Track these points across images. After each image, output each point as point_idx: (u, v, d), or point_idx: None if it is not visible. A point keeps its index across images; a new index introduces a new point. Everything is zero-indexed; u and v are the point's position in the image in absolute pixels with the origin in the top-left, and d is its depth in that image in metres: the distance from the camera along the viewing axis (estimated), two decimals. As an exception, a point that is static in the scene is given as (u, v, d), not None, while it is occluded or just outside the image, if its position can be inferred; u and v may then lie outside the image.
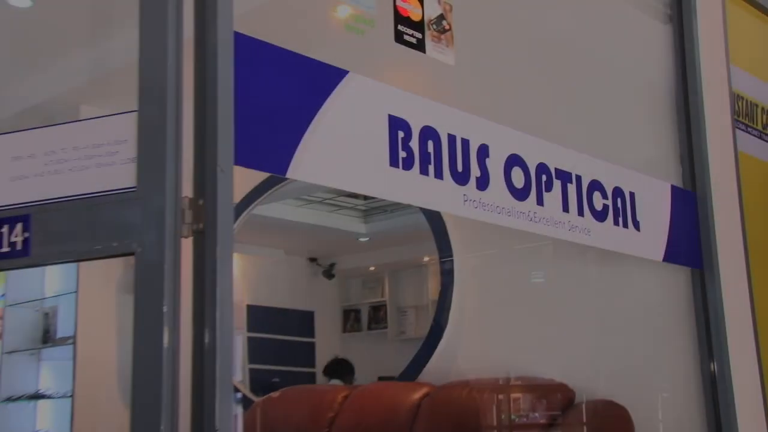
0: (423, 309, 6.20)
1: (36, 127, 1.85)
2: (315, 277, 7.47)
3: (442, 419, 3.80)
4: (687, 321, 3.27)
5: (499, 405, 3.71)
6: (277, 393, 4.95)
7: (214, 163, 1.69)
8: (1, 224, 1.80)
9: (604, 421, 3.43)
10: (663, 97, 3.45)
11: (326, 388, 5.07)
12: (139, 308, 1.64)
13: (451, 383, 3.98)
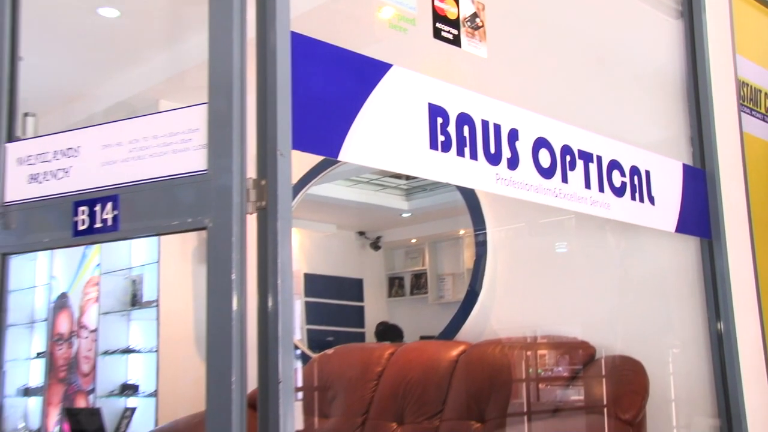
0: (459, 276, 6.17)
1: (122, 119, 1.86)
2: (363, 249, 7.48)
3: (477, 373, 3.79)
4: (696, 285, 3.26)
5: (527, 360, 3.70)
6: (332, 350, 4.96)
7: (274, 147, 1.69)
8: (94, 204, 1.82)
9: (621, 374, 3.40)
10: (675, 84, 3.41)
11: (375, 346, 5.06)
12: (211, 276, 1.64)
13: (484, 341, 3.97)
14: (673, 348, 3.42)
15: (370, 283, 7.25)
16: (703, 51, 3.34)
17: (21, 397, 8.15)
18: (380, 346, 5.03)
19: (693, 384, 3.32)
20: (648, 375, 3.29)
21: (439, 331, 4.57)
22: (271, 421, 1.61)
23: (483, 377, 3.75)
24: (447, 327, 4.49)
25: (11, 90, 2.07)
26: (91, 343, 7.22)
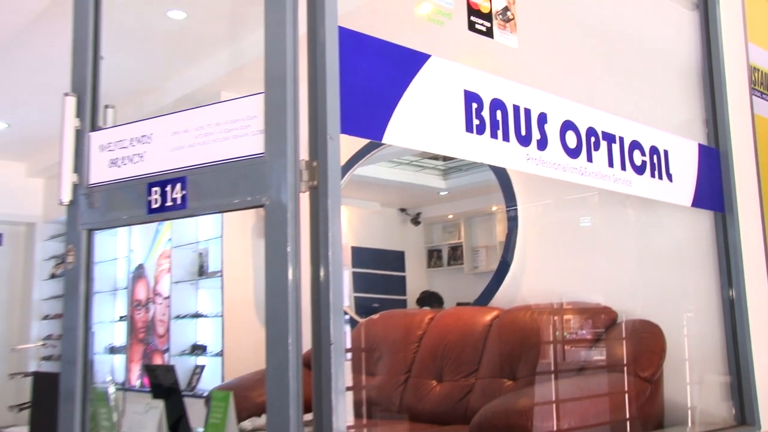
0: (492, 249, 6.15)
1: (188, 108, 1.87)
2: (404, 224, 7.52)
3: (509, 336, 3.79)
4: (710, 255, 3.25)
5: (554, 324, 3.70)
6: (377, 315, 4.98)
7: (324, 132, 1.69)
8: (166, 185, 1.83)
9: (640, 336, 3.38)
10: (691, 71, 3.37)
11: (416, 312, 5.08)
12: (269, 249, 1.64)
13: (516, 307, 3.96)
14: (688, 312, 3.39)
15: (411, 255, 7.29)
16: (717, 39, 3.31)
17: (107, 354, 8.31)
18: (421, 311, 5.03)
19: (706, 345, 3.30)
20: (665, 337, 3.28)
21: (474, 298, 4.57)
22: (323, 378, 1.62)
23: (514, 339, 3.74)
24: (481, 294, 4.48)
25: (94, 86, 2.08)
26: (165, 309, 7.33)
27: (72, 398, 1.98)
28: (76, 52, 2.11)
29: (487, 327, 3.95)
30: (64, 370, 2.01)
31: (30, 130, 7.98)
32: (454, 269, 6.80)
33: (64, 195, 2.01)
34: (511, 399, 3.32)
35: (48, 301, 9.40)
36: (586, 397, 3.21)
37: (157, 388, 3.36)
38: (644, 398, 3.15)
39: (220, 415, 2.83)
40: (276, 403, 1.60)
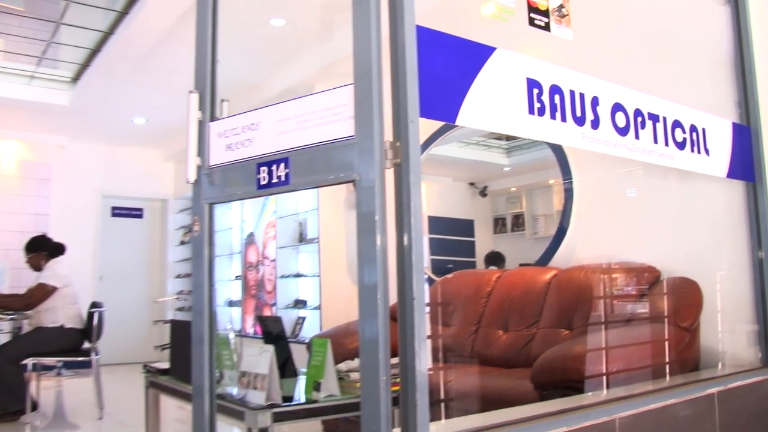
0: (549, 217, 6.06)
1: (289, 99, 1.87)
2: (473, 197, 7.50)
3: (566, 292, 3.74)
4: (742, 220, 3.18)
5: (604, 282, 3.64)
6: (451, 275, 4.97)
7: (406, 116, 1.67)
8: (272, 164, 1.85)
9: (680, 291, 3.30)
10: (724, 58, 3.28)
11: (485, 271, 5.03)
12: (360, 218, 1.63)
13: (571, 267, 3.89)
14: (721, 270, 3.33)
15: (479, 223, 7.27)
16: (747, 30, 3.24)
17: (226, 306, 8.52)
18: (489, 271, 4.99)
19: (737, 298, 3.23)
20: (702, 292, 3.22)
21: (535, 260, 4.50)
22: (407, 328, 1.61)
23: (571, 295, 3.69)
24: (542, 256, 4.41)
25: (212, 83, 2.11)
26: (272, 270, 7.45)
27: (201, 342, 2.02)
28: (198, 56, 2.14)
29: (547, 284, 3.90)
30: (194, 319, 2.06)
31: (163, 123, 8.19)
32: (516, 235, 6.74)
33: (190, 175, 2.04)
34: (568, 346, 3.27)
35: (179, 263, 9.69)
36: (632, 345, 3.15)
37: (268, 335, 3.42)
38: (683, 345, 3.09)
39: (320, 358, 2.85)
40: (368, 348, 1.59)
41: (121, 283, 9.35)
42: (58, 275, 5.50)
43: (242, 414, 2.61)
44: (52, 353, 5.42)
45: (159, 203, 9.83)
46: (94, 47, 6.23)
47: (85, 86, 6.96)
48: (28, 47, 6.78)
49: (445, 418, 2.42)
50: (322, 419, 4.22)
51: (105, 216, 9.38)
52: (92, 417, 5.35)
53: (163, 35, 5.56)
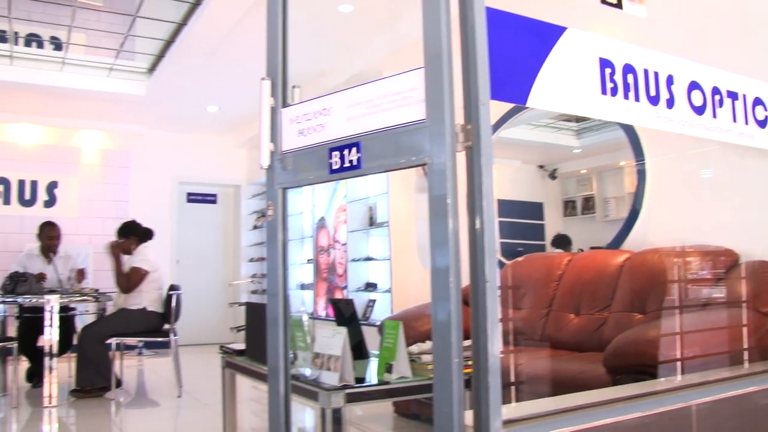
0: (620, 199, 5.91)
1: (359, 84, 1.87)
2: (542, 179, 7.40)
3: (639, 275, 3.65)
4: None
5: (679, 266, 3.53)
6: (522, 258, 4.93)
7: (476, 99, 1.64)
8: (343, 149, 1.85)
9: (761, 275, 3.18)
10: None
11: (556, 255, 4.96)
12: (432, 201, 1.62)
13: (645, 250, 3.79)
14: None
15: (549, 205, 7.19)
16: None
17: (299, 290, 8.66)
18: (560, 254, 4.92)
19: None
20: None
21: (606, 243, 4.42)
22: (480, 310, 1.60)
23: (644, 278, 3.60)
24: (614, 239, 4.33)
25: (284, 70, 2.13)
26: (342, 253, 7.52)
27: (276, 323, 2.06)
28: (269, 44, 2.16)
29: (620, 267, 3.81)
30: (269, 301, 2.09)
31: (235, 111, 8.34)
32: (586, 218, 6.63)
33: (263, 160, 2.07)
34: (642, 330, 3.21)
35: (252, 247, 9.88)
36: (708, 330, 3.06)
37: (340, 317, 3.46)
38: (764, 331, 2.96)
39: (392, 340, 2.87)
40: (440, 330, 1.59)
41: (196, 267, 9.61)
42: (148, 260, 5.72)
43: (316, 394, 2.66)
44: (134, 334, 5.63)
45: (232, 189, 10.03)
46: (168, 38, 6.39)
47: (160, 76, 7.14)
48: (106, 41, 7.01)
49: (515, 401, 2.41)
50: (394, 401, 4.26)
51: (181, 202, 9.64)
52: (171, 395, 5.54)
53: (233, 24, 5.65)
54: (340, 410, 2.63)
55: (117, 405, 5.23)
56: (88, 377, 5.36)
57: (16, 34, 6.88)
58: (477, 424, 1.61)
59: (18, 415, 4.92)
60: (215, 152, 9.70)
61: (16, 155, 8.50)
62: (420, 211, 6.12)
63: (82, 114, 8.45)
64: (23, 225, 8.24)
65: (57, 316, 5.18)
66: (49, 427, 4.59)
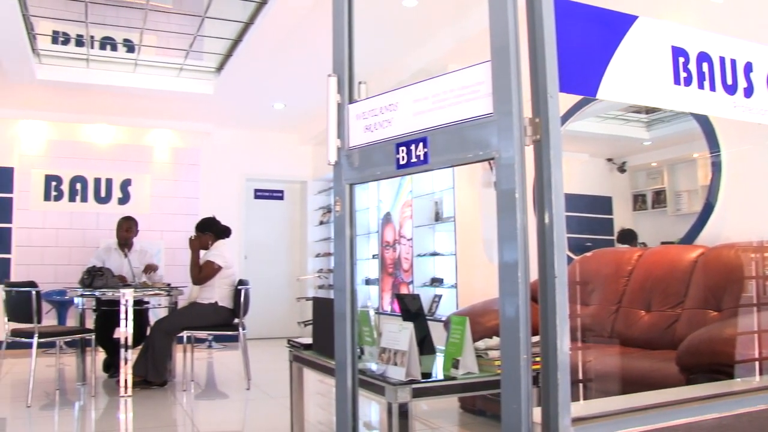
0: (693, 192, 5.73)
1: (426, 79, 1.87)
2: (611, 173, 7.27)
3: (714, 272, 3.52)
4: None
5: (757, 261, 3.39)
6: (590, 253, 4.83)
7: (545, 91, 1.62)
8: (410, 144, 1.86)
9: None
10: None
11: (626, 250, 4.84)
12: (500, 196, 1.61)
13: (720, 245, 3.66)
14: None
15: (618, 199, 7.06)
16: None
17: (364, 285, 8.71)
18: (630, 249, 4.80)
19: None
20: None
21: (679, 238, 4.29)
22: (549, 306, 1.58)
23: (719, 274, 3.48)
24: (687, 234, 4.20)
25: (350, 67, 2.14)
26: (408, 249, 7.53)
27: (344, 318, 2.08)
28: (336, 40, 2.18)
29: (693, 263, 3.69)
30: (337, 296, 2.11)
31: (301, 108, 8.44)
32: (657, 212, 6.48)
33: (331, 156, 2.09)
34: (718, 328, 3.10)
35: (318, 243, 9.99)
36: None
37: (406, 312, 3.46)
38: None
39: (459, 336, 2.86)
40: (508, 326, 1.58)
41: (264, 262, 9.77)
42: (223, 256, 5.86)
43: (382, 389, 2.67)
44: (205, 327, 5.77)
45: (298, 185, 10.16)
46: (236, 37, 6.51)
47: (228, 75, 7.29)
48: (176, 42, 7.20)
49: (583, 399, 2.36)
50: (460, 396, 4.24)
51: (248, 198, 9.82)
52: (240, 387, 5.66)
53: (299, 22, 5.72)
54: (406, 405, 2.63)
55: (187, 396, 5.37)
56: (143, 368, 5.53)
57: (92, 38, 7.13)
58: (545, 422, 1.59)
59: (96, 403, 5.12)
60: (282, 149, 9.85)
61: (92, 154, 8.82)
62: (486, 206, 6.07)
63: (154, 113, 8.71)
64: (99, 221, 8.56)
65: (132, 310, 5.36)
66: (125, 416, 4.75)
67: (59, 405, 5.06)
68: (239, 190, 9.56)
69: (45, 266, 8.40)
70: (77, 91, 7.63)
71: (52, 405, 5.04)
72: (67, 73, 7.29)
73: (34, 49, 6.86)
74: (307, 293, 9.71)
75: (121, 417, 4.73)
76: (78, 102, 8.13)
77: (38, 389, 5.40)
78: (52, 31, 7.19)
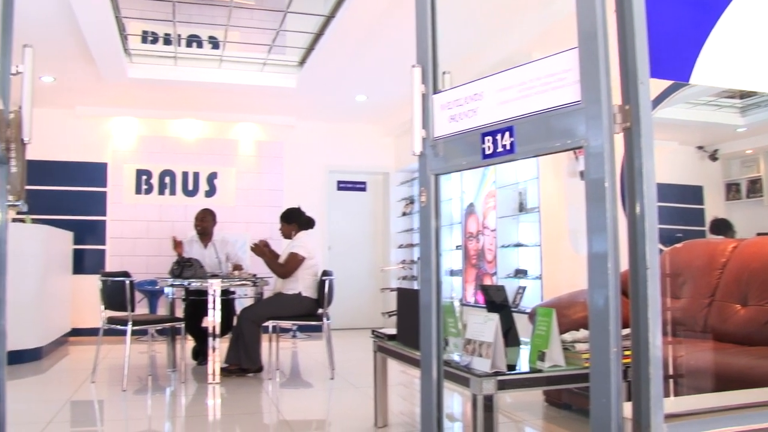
0: (794, 181, 5.50)
1: (511, 68, 1.86)
2: (701, 161, 7.04)
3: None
4: None
5: None
6: (681, 244, 4.67)
7: (635, 77, 1.58)
8: (496, 134, 1.85)
9: None
10: None
11: (719, 241, 4.67)
12: (589, 185, 1.59)
13: (824, 235, 3.49)
14: None
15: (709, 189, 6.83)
16: None
17: (448, 276, 8.70)
18: (724, 240, 4.63)
19: None
20: None
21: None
22: (640, 298, 1.55)
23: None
24: (787, 223, 4.01)
25: (434, 57, 2.15)
26: (492, 240, 7.48)
27: (429, 309, 2.09)
28: (419, 30, 2.18)
29: (794, 255, 3.53)
30: (422, 287, 2.13)
31: (383, 99, 8.48)
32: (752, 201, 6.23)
33: (416, 147, 2.10)
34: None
35: (401, 234, 10.04)
36: None
37: (491, 304, 3.45)
38: None
39: (545, 328, 2.84)
40: (598, 318, 1.56)
41: (347, 254, 9.90)
42: (306, 247, 5.98)
43: (467, 380, 2.68)
44: (289, 317, 5.90)
45: (381, 176, 10.23)
46: (318, 31, 6.59)
47: (311, 68, 7.39)
48: (259, 37, 7.36)
49: (674, 395, 2.30)
50: (546, 389, 4.20)
51: (331, 190, 9.96)
52: (324, 377, 5.76)
53: (381, 14, 5.75)
54: (491, 397, 2.63)
55: (273, 385, 5.51)
56: (237, 356, 5.70)
57: (179, 36, 7.38)
58: (636, 417, 1.56)
59: (186, 389, 5.32)
60: (364, 140, 9.94)
61: (180, 149, 9.13)
62: (572, 196, 5.96)
63: (239, 108, 8.94)
64: (187, 214, 8.84)
65: (219, 299, 5.53)
66: (213, 402, 4.92)
67: (151, 390, 5.28)
68: (322, 182, 9.71)
69: (137, 257, 8.78)
70: (165, 87, 7.92)
71: (145, 390, 5.27)
72: (156, 70, 7.58)
73: (126, 49, 7.14)
74: (390, 284, 9.78)
75: (209, 403, 4.90)
76: (166, 98, 8.44)
77: (132, 374, 5.67)
78: (142, 31, 7.48)
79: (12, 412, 1.86)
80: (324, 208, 9.60)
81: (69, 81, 7.67)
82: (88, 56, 6.73)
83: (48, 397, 4.94)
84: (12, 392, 1.89)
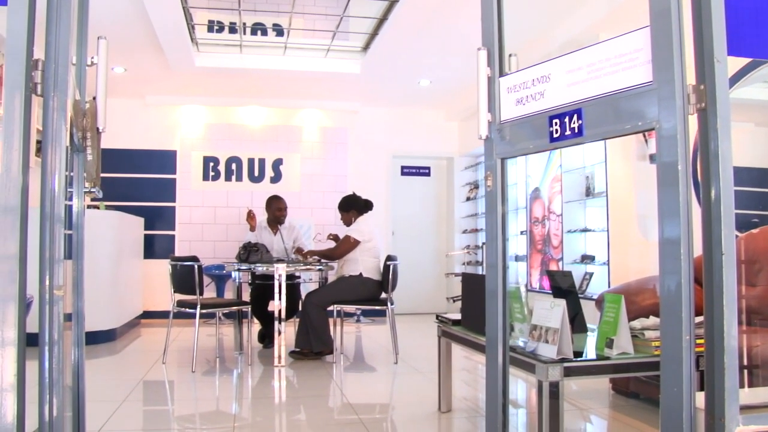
0: None
1: (580, 49, 1.82)
2: (782, 143, 6.76)
3: None
4: None
5: None
6: (757, 230, 4.51)
7: (711, 56, 1.52)
8: (564, 117, 1.81)
9: None
10: None
11: (799, 226, 4.48)
12: (661, 168, 1.54)
13: None
14: None
15: (787, 171, 6.56)
16: None
17: (513, 261, 8.63)
18: (804, 225, 4.44)
19: None
20: None
21: None
22: (715, 285, 1.50)
23: None
24: None
25: (500, 39, 2.11)
26: (558, 225, 7.37)
27: (495, 295, 2.08)
28: (484, 13, 2.16)
29: None
30: (488, 272, 2.11)
31: (446, 84, 8.43)
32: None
33: (482, 131, 2.08)
34: None
35: (465, 219, 9.99)
36: None
37: (557, 290, 3.40)
38: None
39: (613, 314, 2.79)
40: (669, 305, 1.52)
41: (411, 238, 9.91)
42: (361, 230, 6.03)
43: (533, 366, 2.65)
44: (353, 301, 5.96)
45: (445, 161, 10.19)
46: (381, 16, 6.58)
47: (374, 54, 7.40)
48: (323, 23, 7.40)
49: (748, 386, 2.23)
50: (613, 377, 4.13)
51: (395, 175, 9.97)
52: (388, 361, 5.79)
53: None
54: (557, 384, 2.60)
55: (337, 368, 5.58)
56: (307, 341, 5.80)
57: (244, 24, 7.48)
58: (709, 408, 1.52)
59: (252, 371, 5.43)
60: (427, 125, 9.90)
61: (246, 136, 9.29)
62: (641, 180, 5.82)
63: (303, 94, 9.02)
64: (253, 200, 9.01)
65: (284, 284, 5.63)
66: (278, 384, 5.01)
67: (219, 372, 5.42)
68: (386, 167, 9.73)
69: (204, 242, 8.99)
70: (231, 75, 8.05)
71: (213, 371, 5.41)
72: (222, 59, 7.72)
73: (193, 39, 7.29)
74: (455, 269, 9.76)
75: (275, 385, 4.99)
76: (232, 86, 8.58)
77: (200, 356, 5.83)
78: (208, 21, 7.61)
79: (90, 389, 1.94)
80: (388, 193, 9.63)
81: (139, 71, 7.88)
82: (157, 46, 6.90)
83: (122, 376, 5.12)
84: (89, 371, 1.97)
